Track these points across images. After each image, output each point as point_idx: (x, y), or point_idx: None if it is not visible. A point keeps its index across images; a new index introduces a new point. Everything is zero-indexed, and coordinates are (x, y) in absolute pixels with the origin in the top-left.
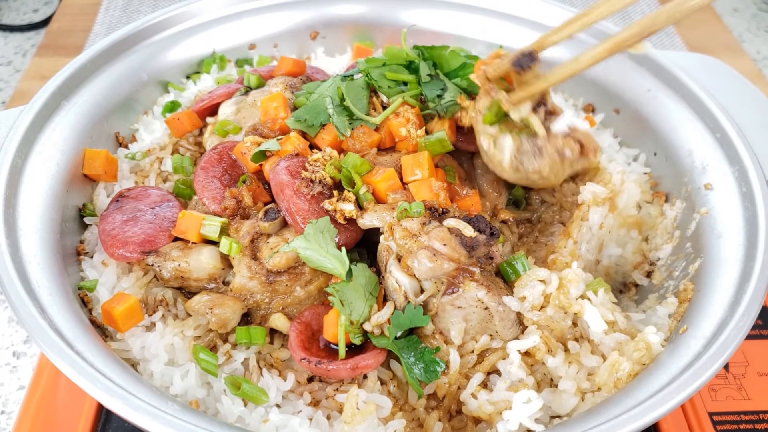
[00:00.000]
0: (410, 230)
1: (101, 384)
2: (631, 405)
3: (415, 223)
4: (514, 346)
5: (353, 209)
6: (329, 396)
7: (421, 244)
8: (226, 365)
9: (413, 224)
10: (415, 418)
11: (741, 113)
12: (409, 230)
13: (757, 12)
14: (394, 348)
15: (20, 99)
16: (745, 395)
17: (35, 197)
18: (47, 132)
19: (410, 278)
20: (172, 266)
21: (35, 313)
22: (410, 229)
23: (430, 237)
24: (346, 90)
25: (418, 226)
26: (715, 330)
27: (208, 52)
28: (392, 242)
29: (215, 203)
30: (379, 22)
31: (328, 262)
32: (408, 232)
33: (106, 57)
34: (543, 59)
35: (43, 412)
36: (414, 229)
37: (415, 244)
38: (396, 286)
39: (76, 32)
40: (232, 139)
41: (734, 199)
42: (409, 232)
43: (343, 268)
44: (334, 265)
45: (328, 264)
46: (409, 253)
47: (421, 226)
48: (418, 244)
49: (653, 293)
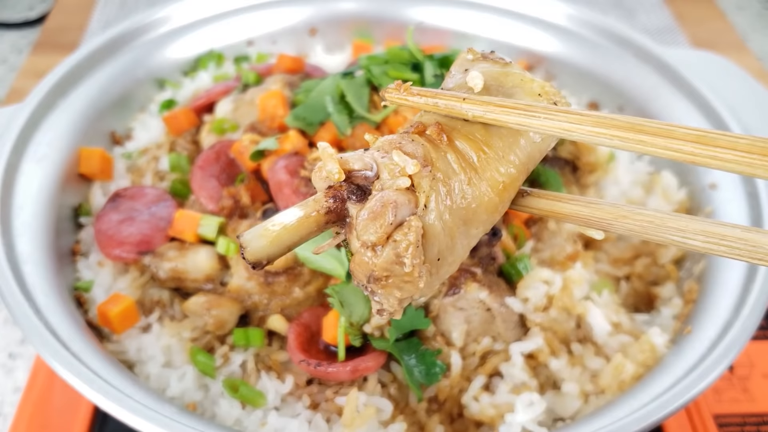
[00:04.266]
0: None
1: (97, 386)
2: (635, 407)
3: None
4: (517, 348)
5: None
6: (328, 399)
7: None
8: (224, 367)
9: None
10: (416, 421)
11: (745, 111)
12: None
13: (762, 10)
14: (394, 351)
15: (15, 97)
16: (749, 397)
17: (30, 196)
18: (42, 130)
19: None
20: (168, 267)
21: (31, 314)
22: None
23: None
24: (346, 87)
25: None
26: (720, 331)
27: (205, 49)
28: None
29: (212, 202)
30: (379, 18)
31: (328, 263)
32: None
33: (102, 54)
34: (536, 53)
35: (39, 413)
36: None
37: None
38: None
39: (71, 30)
40: (229, 137)
41: (739, 198)
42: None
43: (342, 268)
44: (333, 265)
45: (327, 265)
46: None
47: None
48: None
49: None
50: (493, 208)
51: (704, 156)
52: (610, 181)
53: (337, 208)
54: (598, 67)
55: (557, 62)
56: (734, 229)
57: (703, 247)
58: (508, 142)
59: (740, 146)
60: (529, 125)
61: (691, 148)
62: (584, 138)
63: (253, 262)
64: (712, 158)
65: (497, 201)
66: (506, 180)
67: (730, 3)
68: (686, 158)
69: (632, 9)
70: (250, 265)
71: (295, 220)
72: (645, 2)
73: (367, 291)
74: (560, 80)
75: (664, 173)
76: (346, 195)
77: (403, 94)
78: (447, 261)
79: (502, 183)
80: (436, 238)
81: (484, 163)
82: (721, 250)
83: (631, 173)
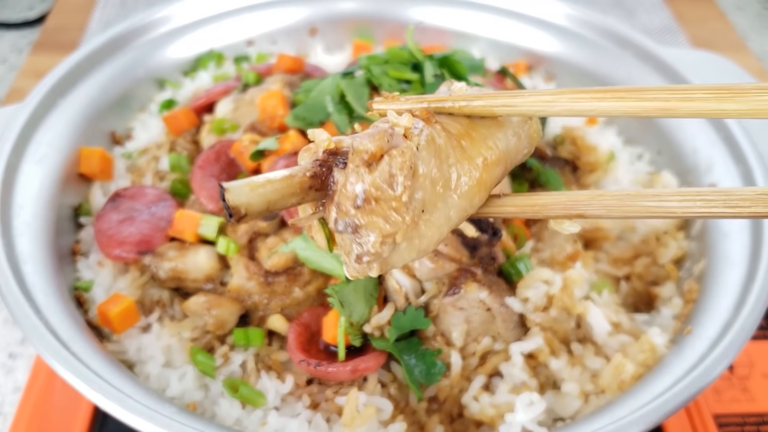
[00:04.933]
0: None
1: (97, 386)
2: (635, 407)
3: None
4: (517, 348)
5: None
6: (328, 399)
7: None
8: (224, 367)
9: None
10: (416, 421)
11: None
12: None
13: (762, 10)
14: (394, 350)
15: (15, 97)
16: (749, 397)
17: (30, 196)
18: (42, 130)
19: (411, 279)
20: (168, 266)
21: (31, 313)
22: None
23: None
24: (346, 87)
25: None
26: (720, 331)
27: (205, 49)
28: None
29: (212, 202)
30: (379, 18)
31: (328, 263)
32: None
33: (102, 54)
34: (536, 53)
35: (39, 413)
36: None
37: None
38: (397, 287)
39: (71, 30)
40: (229, 137)
41: None
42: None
43: (342, 268)
44: (333, 265)
45: (327, 264)
46: None
47: None
48: None
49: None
50: (476, 183)
51: (677, 99)
52: (610, 181)
53: (322, 174)
54: (598, 67)
55: (557, 62)
56: (706, 188)
57: (679, 208)
58: (490, 131)
59: (707, 88)
60: (514, 104)
61: (665, 95)
62: (567, 106)
63: (232, 207)
64: (684, 100)
65: (478, 177)
66: (488, 158)
67: (730, 3)
68: (662, 107)
69: (632, 9)
70: (227, 214)
71: (280, 176)
72: (645, 2)
73: (350, 228)
74: (560, 80)
75: (664, 173)
76: (333, 162)
77: (390, 102)
78: (430, 220)
79: (483, 159)
80: (424, 182)
81: (469, 143)
82: (696, 206)
83: (631, 173)
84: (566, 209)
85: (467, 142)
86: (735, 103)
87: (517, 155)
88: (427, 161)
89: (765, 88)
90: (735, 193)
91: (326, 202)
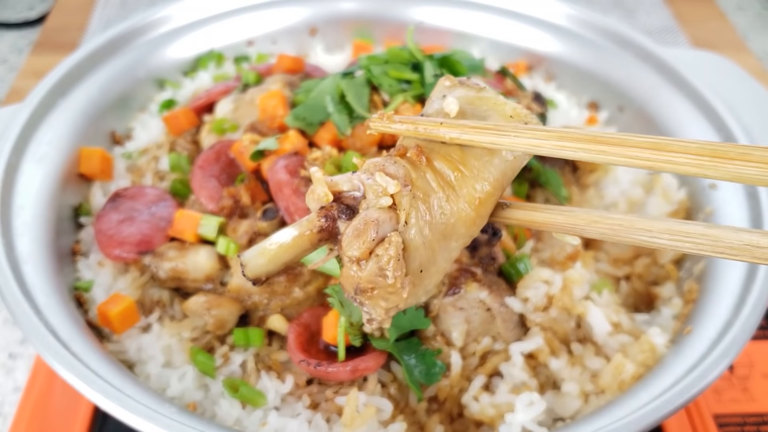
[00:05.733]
0: None
1: (97, 386)
2: (635, 407)
3: None
4: (517, 348)
5: None
6: (329, 399)
7: None
8: (224, 367)
9: None
10: (416, 421)
11: (746, 111)
12: None
13: (762, 10)
14: (394, 350)
15: (16, 97)
16: (749, 397)
17: (31, 196)
18: (43, 130)
19: None
20: (168, 266)
21: (31, 314)
22: None
23: None
24: (346, 87)
25: None
26: (720, 331)
27: (205, 49)
28: None
29: (212, 202)
30: (379, 18)
31: (328, 263)
32: None
33: (102, 54)
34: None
35: (39, 413)
36: None
37: None
38: None
39: (71, 30)
40: (229, 137)
41: (739, 198)
42: None
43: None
44: (333, 266)
45: (327, 265)
46: None
47: None
48: None
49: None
50: (471, 222)
51: (659, 161)
52: (609, 181)
53: (329, 227)
54: (598, 67)
55: (557, 62)
56: (696, 226)
57: (669, 245)
58: (483, 161)
59: (691, 150)
60: (501, 143)
61: (647, 155)
62: (552, 152)
63: (253, 279)
64: (666, 162)
65: (474, 215)
66: (482, 196)
67: (730, 3)
68: (644, 164)
69: (632, 9)
70: (250, 282)
71: (291, 239)
72: (645, 2)
73: (356, 302)
74: (560, 80)
75: (663, 174)
76: (336, 214)
77: (386, 122)
78: (429, 272)
79: (478, 199)
80: (417, 251)
81: (461, 181)
82: (686, 246)
83: (630, 173)
84: (564, 230)
85: (460, 180)
86: (716, 171)
87: (514, 172)
88: (420, 228)
89: (747, 155)
90: (723, 240)
91: (338, 247)
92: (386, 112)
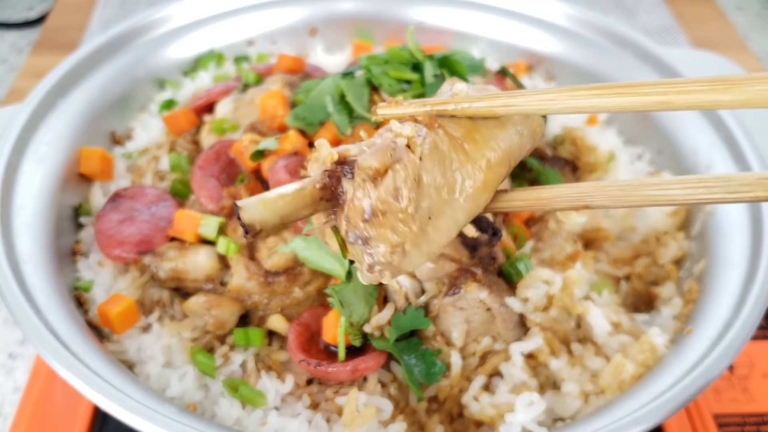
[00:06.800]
0: None
1: (97, 386)
2: (635, 407)
3: None
4: (517, 348)
5: None
6: (329, 399)
7: None
8: (224, 367)
9: None
10: (416, 421)
11: (746, 111)
12: None
13: (762, 10)
14: (394, 350)
15: (15, 97)
16: (749, 397)
17: (30, 196)
18: (43, 130)
19: (411, 279)
20: (168, 266)
21: (31, 314)
22: None
23: None
24: (346, 87)
25: None
26: (720, 331)
27: (205, 49)
28: None
29: (212, 202)
30: (379, 18)
31: (328, 263)
32: None
33: (102, 54)
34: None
35: (39, 414)
36: None
37: None
38: (396, 287)
39: (71, 30)
40: (229, 137)
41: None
42: None
43: (342, 268)
44: (333, 265)
45: (327, 265)
46: None
47: None
48: None
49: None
50: (480, 184)
51: (672, 93)
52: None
53: (331, 185)
54: (598, 67)
55: (557, 62)
56: (710, 175)
57: (682, 195)
58: (492, 133)
59: (705, 80)
60: (515, 104)
61: (661, 89)
62: (566, 103)
63: (247, 224)
64: (679, 93)
65: (482, 178)
66: (492, 159)
67: (730, 3)
68: (658, 100)
69: (632, 9)
70: (242, 229)
71: (292, 191)
72: (645, 2)
73: (360, 242)
74: (560, 80)
75: (664, 173)
76: (341, 173)
77: (393, 107)
78: (436, 226)
79: (487, 160)
80: (429, 191)
81: (472, 146)
82: (698, 192)
83: (631, 173)
84: (572, 201)
85: (470, 144)
86: (730, 94)
87: (520, 152)
88: (431, 170)
89: (759, 78)
90: (736, 178)
91: (337, 211)
92: (394, 99)
